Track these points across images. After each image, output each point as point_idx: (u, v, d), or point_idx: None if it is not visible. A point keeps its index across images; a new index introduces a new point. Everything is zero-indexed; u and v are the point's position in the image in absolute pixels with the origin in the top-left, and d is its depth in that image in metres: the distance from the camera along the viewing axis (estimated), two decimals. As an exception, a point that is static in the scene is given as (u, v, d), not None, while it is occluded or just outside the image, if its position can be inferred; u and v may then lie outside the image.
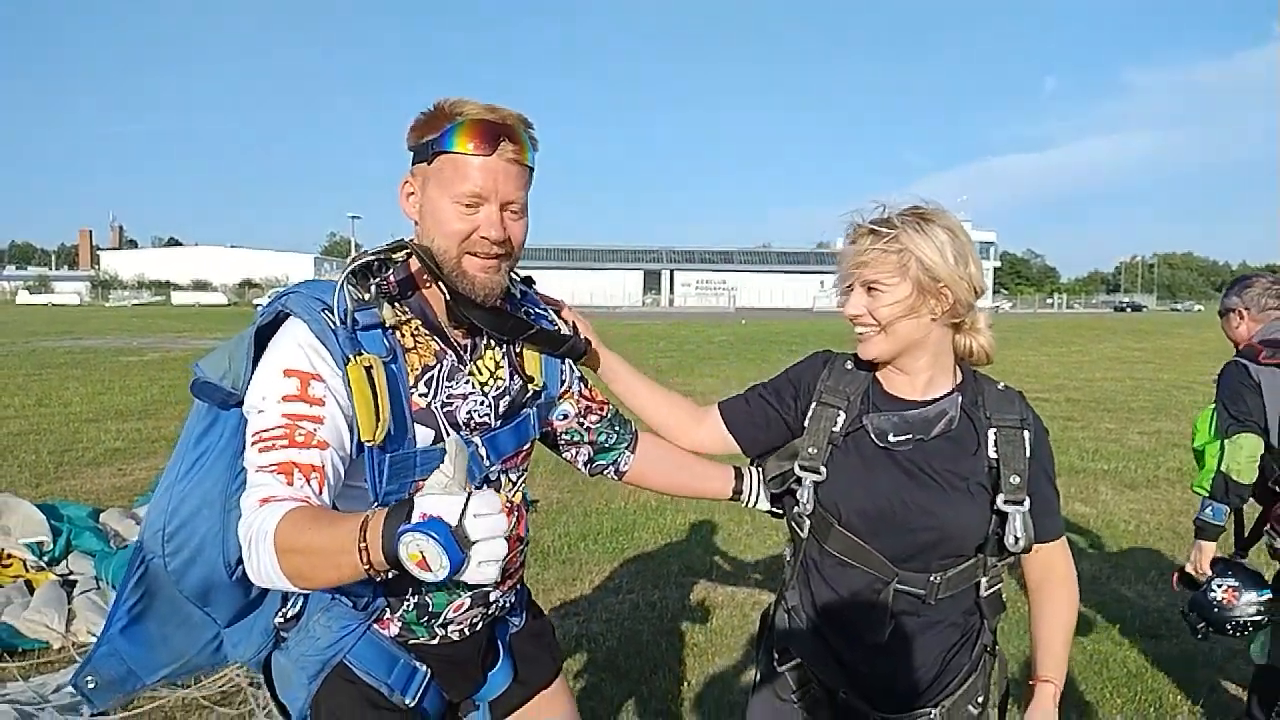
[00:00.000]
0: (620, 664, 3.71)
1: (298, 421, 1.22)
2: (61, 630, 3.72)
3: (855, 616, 1.50)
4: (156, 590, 1.42)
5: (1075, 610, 1.57)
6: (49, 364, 16.29)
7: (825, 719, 1.58)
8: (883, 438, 1.49)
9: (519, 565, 1.61)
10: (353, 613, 1.42)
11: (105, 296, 75.07)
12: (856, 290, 1.46)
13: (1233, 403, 2.80)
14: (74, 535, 4.57)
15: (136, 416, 10.13)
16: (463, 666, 1.53)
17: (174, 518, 1.37)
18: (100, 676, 1.46)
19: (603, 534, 5.61)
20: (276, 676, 1.48)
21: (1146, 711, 3.42)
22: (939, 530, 1.45)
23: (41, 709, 3.03)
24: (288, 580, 1.13)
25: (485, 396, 1.45)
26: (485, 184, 1.31)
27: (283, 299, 1.33)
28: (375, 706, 1.42)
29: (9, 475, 6.92)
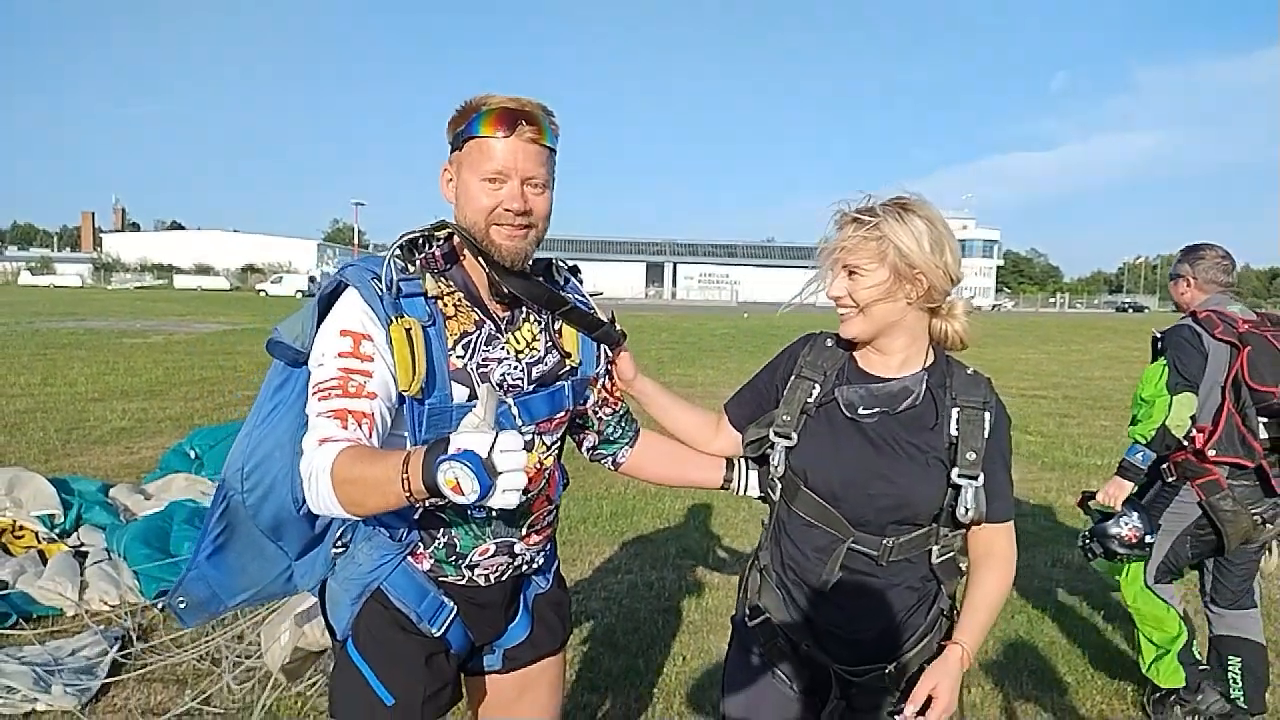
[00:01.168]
0: (618, 639, 3.82)
1: (351, 375, 1.41)
2: (74, 598, 3.83)
3: (811, 569, 1.62)
4: (236, 524, 1.62)
5: (1005, 590, 1.63)
6: (53, 344, 16.39)
7: (789, 670, 1.69)
8: (851, 409, 1.61)
9: (546, 524, 1.73)
10: (390, 543, 1.59)
11: (107, 279, 75.09)
12: (839, 273, 1.57)
13: (1183, 364, 3.08)
14: (84, 509, 4.69)
15: (142, 397, 10.24)
16: (488, 612, 1.68)
17: (251, 458, 1.56)
18: (190, 597, 1.66)
19: (603, 517, 5.72)
20: (328, 600, 1.67)
21: (1125, 692, 3.53)
22: (896, 497, 1.56)
23: (57, 672, 3.13)
24: (342, 507, 1.32)
25: (519, 362, 1.60)
26: (506, 162, 1.47)
27: (342, 271, 1.52)
28: (404, 630, 1.59)
29: (19, 451, 7.03)
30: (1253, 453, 3.03)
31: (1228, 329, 3.06)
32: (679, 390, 1.96)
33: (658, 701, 3.30)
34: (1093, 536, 3.19)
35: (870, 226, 1.53)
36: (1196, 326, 3.13)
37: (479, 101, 1.50)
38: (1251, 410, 3.03)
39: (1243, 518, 3.06)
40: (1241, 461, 3.06)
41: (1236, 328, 3.07)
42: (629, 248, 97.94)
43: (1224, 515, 3.08)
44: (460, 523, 1.59)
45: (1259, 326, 3.09)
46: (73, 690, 3.02)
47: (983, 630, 1.60)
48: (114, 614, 3.79)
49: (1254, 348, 3.01)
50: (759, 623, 1.71)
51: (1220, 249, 3.31)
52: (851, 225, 1.55)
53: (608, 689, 3.37)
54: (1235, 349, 3.04)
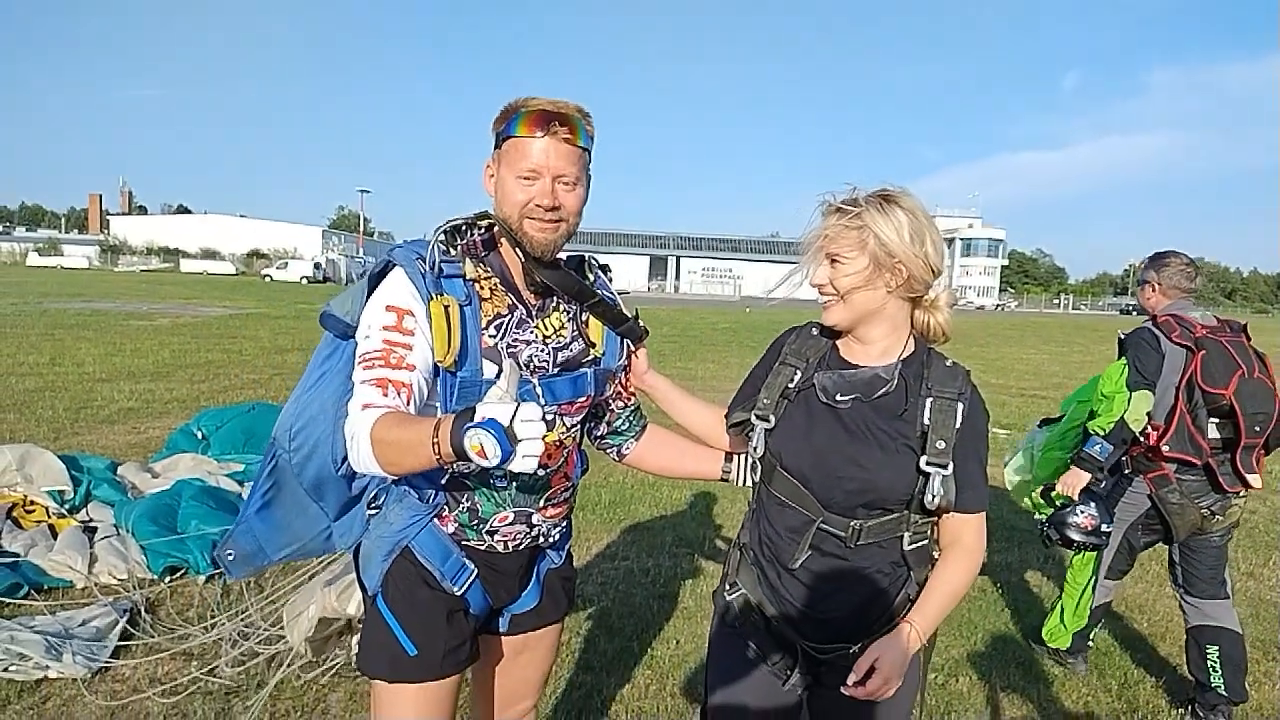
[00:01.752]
0: (613, 623, 3.90)
1: (394, 347, 1.56)
2: (84, 571, 3.91)
3: (784, 548, 1.68)
4: (283, 482, 1.78)
5: (966, 580, 1.65)
6: (61, 325, 16.49)
7: (763, 645, 1.75)
8: (827, 395, 1.67)
9: (563, 500, 1.85)
10: (419, 505, 1.73)
11: (114, 261, 75.14)
12: (821, 261, 1.62)
13: (1142, 363, 3.33)
14: (93, 486, 4.78)
15: (149, 378, 10.33)
16: (505, 579, 1.82)
17: (298, 420, 1.72)
18: (237, 549, 1.83)
19: (601, 505, 5.79)
20: (362, 558, 1.79)
21: (1110, 685, 3.60)
22: (863, 481, 1.60)
23: (67, 641, 3.21)
24: (379, 465, 1.48)
25: (545, 347, 1.72)
26: (539, 160, 1.59)
27: (391, 252, 1.67)
28: (429, 587, 1.72)
29: (28, 428, 7.12)
30: (1200, 451, 3.23)
31: (1185, 334, 3.26)
32: (681, 383, 2.04)
33: (651, 682, 3.38)
34: (1050, 524, 3.34)
35: (852, 216, 1.58)
36: (1156, 330, 3.33)
37: (519, 103, 1.61)
38: (1202, 411, 3.23)
39: (1189, 510, 3.29)
40: (1190, 459, 3.26)
41: (1194, 333, 3.26)
42: (632, 241, 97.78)
43: (1171, 507, 3.32)
44: (483, 489, 1.71)
45: (1215, 332, 3.28)
46: (83, 659, 3.11)
47: (937, 613, 1.62)
48: (122, 587, 3.88)
49: (1208, 352, 3.20)
50: (736, 598, 1.78)
51: (1185, 257, 3.48)
52: (835, 215, 1.60)
53: (603, 669, 3.45)
54: (1190, 353, 3.24)
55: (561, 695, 3.25)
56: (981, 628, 4.13)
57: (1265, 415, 3.19)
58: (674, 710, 3.15)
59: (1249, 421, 3.16)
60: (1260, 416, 3.18)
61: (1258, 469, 3.26)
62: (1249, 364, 3.20)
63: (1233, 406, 3.16)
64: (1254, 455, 3.24)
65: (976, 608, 4.39)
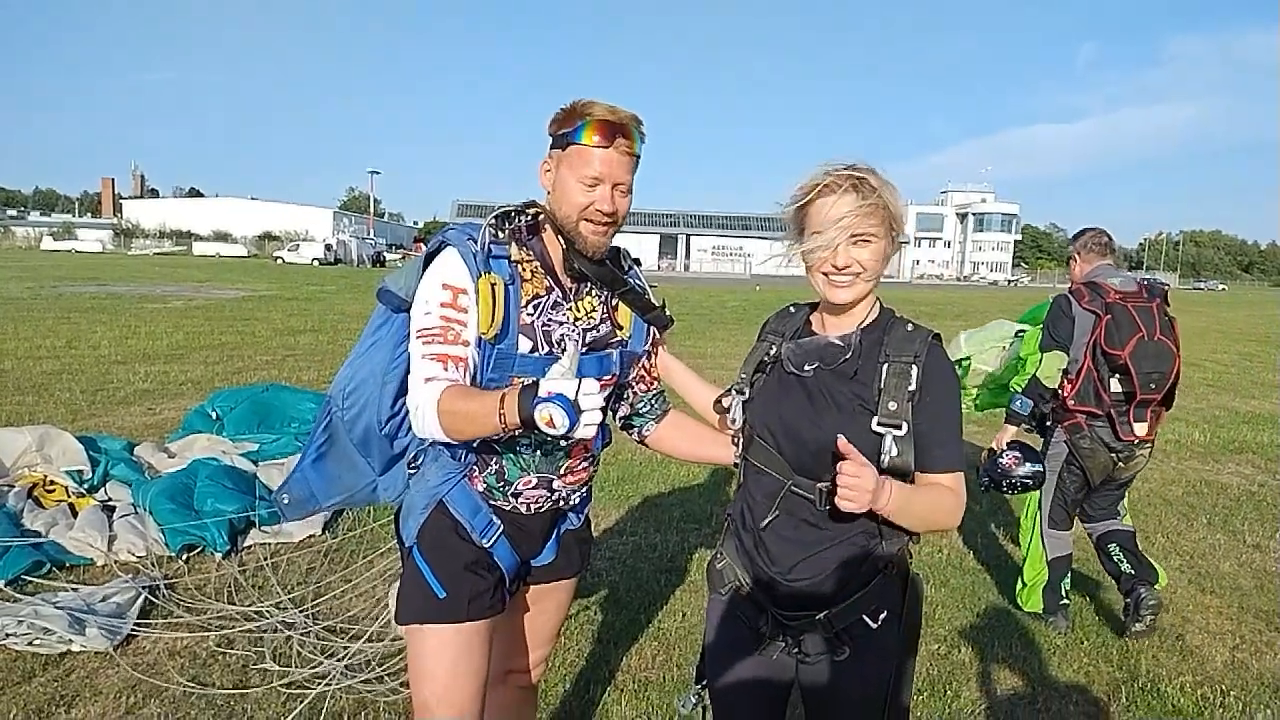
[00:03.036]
0: (621, 596, 3.97)
1: (450, 324, 1.73)
2: (104, 549, 4.01)
3: (759, 514, 1.72)
4: (336, 438, 1.97)
5: (950, 507, 1.62)
6: (76, 308, 16.68)
7: (747, 611, 1.79)
8: (793, 364, 1.72)
9: (581, 469, 1.98)
10: (453, 463, 1.90)
11: (128, 245, 75.59)
12: (844, 243, 1.60)
13: (1054, 327, 3.76)
14: (111, 465, 4.87)
15: (163, 360, 10.45)
16: (530, 535, 1.98)
17: (351, 382, 1.91)
18: (292, 495, 2.02)
19: (610, 482, 5.85)
20: (403, 512, 1.96)
21: (1111, 655, 3.64)
22: (820, 441, 1.62)
23: (88, 615, 3.30)
24: (444, 433, 1.67)
25: (575, 327, 1.86)
26: (602, 170, 1.74)
27: (445, 233, 1.83)
28: (459, 538, 1.89)
29: (46, 410, 7.24)
30: (1102, 403, 3.69)
31: (1094, 299, 3.68)
32: (689, 361, 2.11)
33: (658, 653, 3.45)
34: (985, 473, 3.78)
35: (874, 195, 1.59)
36: (1070, 297, 3.79)
37: (584, 109, 1.74)
38: (1105, 368, 3.67)
39: (1100, 454, 3.75)
40: (1093, 410, 3.73)
41: (1105, 298, 3.66)
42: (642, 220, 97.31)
43: (1083, 451, 3.78)
44: (509, 455, 1.87)
45: (1128, 297, 3.66)
46: (105, 633, 3.20)
47: (914, 498, 1.57)
48: (141, 564, 3.97)
49: (1113, 317, 3.62)
50: (723, 566, 1.82)
51: (1097, 229, 3.98)
52: (852, 195, 1.59)
53: (611, 641, 3.52)
54: (1098, 317, 3.65)
55: (572, 666, 3.32)
56: (984, 600, 4.17)
57: (1160, 374, 3.59)
58: (680, 680, 3.22)
59: (1142, 379, 3.58)
60: (1155, 375, 3.59)
61: (1147, 420, 3.70)
62: (1150, 327, 3.59)
63: (1128, 365, 3.56)
64: (1149, 410, 3.69)
65: (980, 580, 4.44)
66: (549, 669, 3.13)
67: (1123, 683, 3.41)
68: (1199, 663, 3.62)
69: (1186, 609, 4.17)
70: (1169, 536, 5.30)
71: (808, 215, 1.65)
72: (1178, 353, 3.64)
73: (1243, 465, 7.37)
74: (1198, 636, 3.87)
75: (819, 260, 1.63)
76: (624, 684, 3.22)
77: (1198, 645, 3.78)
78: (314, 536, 4.44)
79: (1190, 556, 4.95)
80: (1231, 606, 4.22)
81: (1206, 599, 4.32)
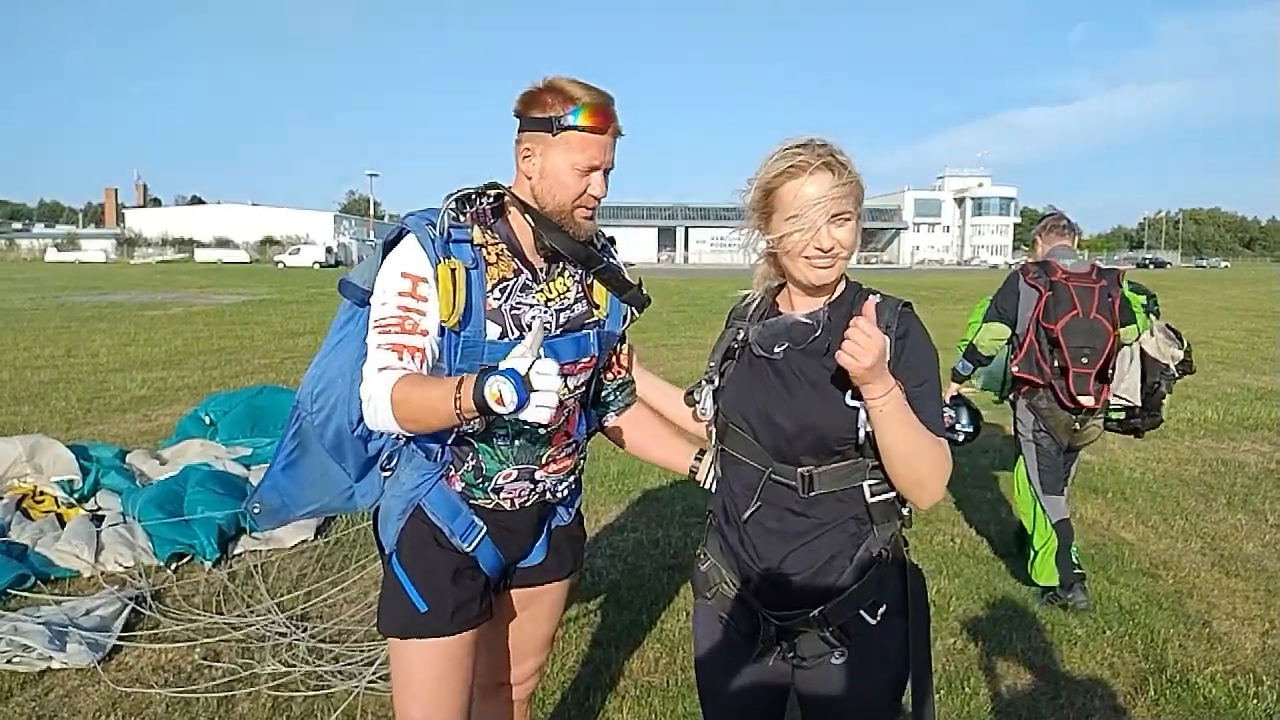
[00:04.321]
0: (622, 595, 3.84)
1: (409, 313, 1.63)
2: (90, 560, 3.90)
3: (741, 506, 1.61)
4: (307, 443, 1.85)
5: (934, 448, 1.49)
6: (77, 317, 16.63)
7: (733, 613, 1.67)
8: (763, 347, 1.62)
9: (565, 456, 1.87)
10: (428, 464, 1.79)
11: (131, 254, 75.75)
12: (825, 225, 1.50)
13: (1000, 301, 4.06)
14: (101, 474, 4.76)
15: (161, 366, 10.37)
16: (516, 536, 1.86)
17: (319, 383, 1.80)
18: (263, 504, 1.91)
19: (609, 477, 5.73)
20: (380, 518, 1.85)
21: (1135, 645, 3.49)
22: (798, 422, 1.53)
23: (71, 629, 3.18)
24: (398, 424, 1.56)
25: (547, 309, 1.76)
26: (598, 155, 1.67)
27: (404, 220, 1.72)
28: (439, 545, 1.78)
29: (41, 420, 7.15)
30: (1043, 373, 3.93)
31: (1040, 276, 3.94)
32: (689, 351, 1.98)
33: (661, 656, 3.31)
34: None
35: (847, 172, 1.51)
36: (1019, 274, 4.05)
37: (570, 92, 1.63)
38: (1044, 341, 3.92)
39: (1058, 414, 3.96)
40: (1034, 379, 3.97)
41: (1051, 276, 3.92)
42: (641, 213, 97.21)
43: (1042, 411, 4.00)
44: (485, 447, 1.76)
45: (1074, 278, 3.90)
46: (86, 649, 3.08)
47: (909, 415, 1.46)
48: (128, 575, 3.86)
49: (1054, 294, 3.89)
50: (707, 567, 1.71)
51: (1057, 213, 4.34)
52: (828, 173, 1.50)
53: (611, 644, 3.39)
54: (1039, 293, 3.92)
55: (570, 671, 3.19)
56: (1000, 590, 4.03)
57: (1091, 349, 3.84)
58: (685, 684, 3.08)
59: (1073, 353, 3.84)
60: (1086, 350, 3.83)
61: (1089, 391, 3.87)
62: (1087, 305, 3.84)
63: (1059, 339, 3.83)
64: (1087, 381, 3.87)
65: (994, 569, 4.30)
66: (545, 676, 3.01)
67: (1149, 674, 3.26)
68: (1228, 651, 3.47)
69: (1212, 594, 4.02)
70: (1188, 518, 5.15)
71: (777, 198, 1.53)
72: (1113, 331, 3.86)
73: (1259, 442, 7.21)
74: (1225, 623, 3.72)
75: (799, 244, 1.52)
76: (625, 690, 3.09)
77: (1226, 632, 3.63)
78: (306, 541, 4.33)
79: (1212, 539, 4.79)
80: (1259, 590, 4.07)
81: (1232, 583, 4.17)
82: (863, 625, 1.56)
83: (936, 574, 4.18)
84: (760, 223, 1.60)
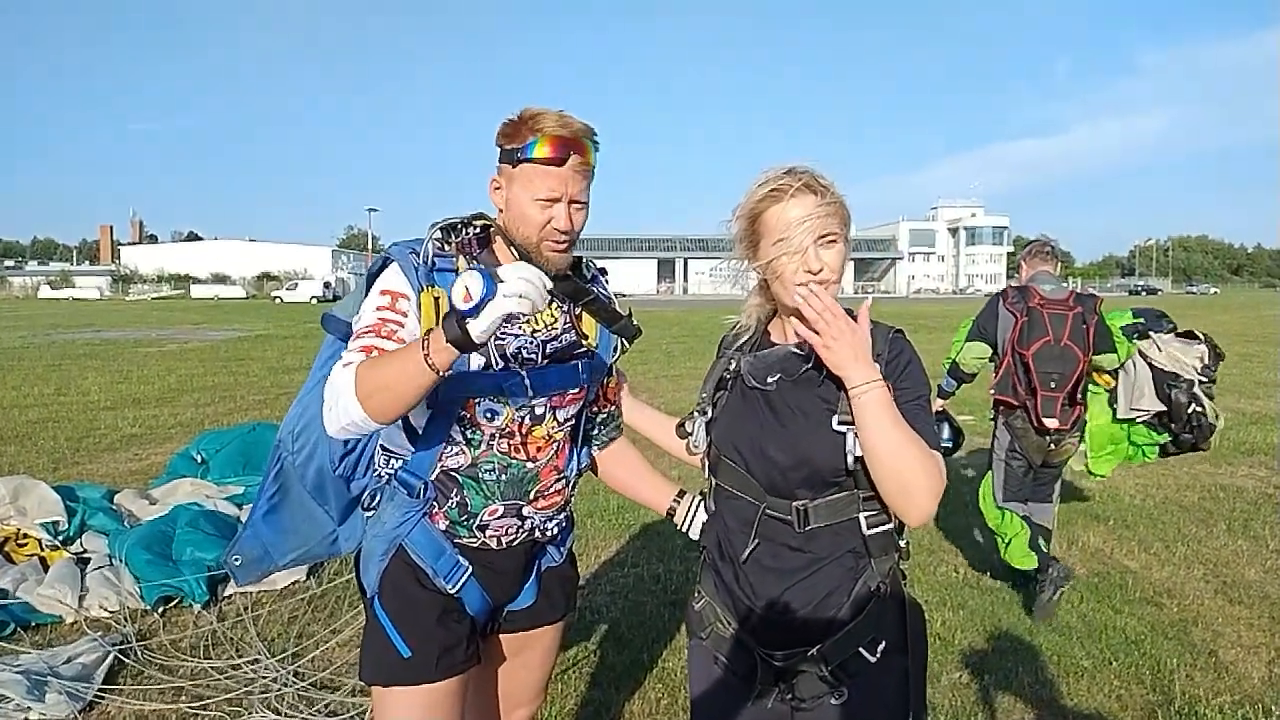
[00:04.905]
0: (623, 634, 3.76)
1: (385, 321, 1.60)
2: (74, 605, 3.80)
3: (736, 542, 1.57)
4: (289, 486, 1.82)
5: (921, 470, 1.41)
6: (69, 355, 16.54)
7: (730, 655, 1.62)
8: (755, 379, 1.58)
9: (553, 492, 1.81)
10: (410, 500, 1.72)
11: (126, 290, 75.71)
12: (812, 247, 1.49)
13: (983, 321, 4.29)
14: (88, 515, 4.68)
15: (153, 404, 10.28)
16: (502, 576, 1.79)
17: (300, 421, 1.77)
18: (244, 554, 1.85)
19: (609, 511, 5.65)
20: (362, 560, 1.78)
21: (1143, 676, 3.43)
22: (792, 456, 1.50)
23: (50, 679, 3.09)
24: (362, 406, 1.45)
25: (533, 339, 1.72)
26: (557, 188, 1.62)
27: (390, 249, 1.70)
28: (422, 586, 1.71)
29: (28, 460, 7.05)
30: (1017, 394, 4.16)
31: (1018, 302, 4.16)
32: (690, 382, 1.95)
33: (662, 696, 3.23)
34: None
35: (830, 193, 1.50)
36: (999, 298, 4.28)
37: (533, 123, 1.60)
38: (1020, 365, 4.13)
39: (1031, 435, 4.17)
40: (1009, 400, 4.20)
41: (1029, 302, 4.13)
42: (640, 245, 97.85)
43: (1016, 430, 4.21)
44: (470, 482, 1.70)
45: (1051, 305, 4.09)
46: (66, 699, 2.99)
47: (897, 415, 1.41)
48: (113, 620, 3.77)
49: (1029, 320, 4.09)
50: (702, 606, 1.67)
51: (1041, 241, 4.46)
52: (810, 195, 1.50)
53: (612, 685, 3.31)
54: (1015, 318, 4.13)
55: (569, 713, 3.11)
56: (1005, 620, 3.96)
57: (1060, 375, 4.04)
58: (685, 724, 3.00)
59: (1042, 378, 4.05)
60: (1055, 375, 4.04)
61: (1055, 414, 4.08)
62: (1059, 332, 4.04)
63: (1029, 364, 4.06)
64: (1054, 405, 4.07)
65: (999, 599, 4.23)
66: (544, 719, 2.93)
67: (1158, 707, 3.19)
68: (1235, 680, 3.40)
69: (1217, 622, 3.96)
70: (1189, 545, 5.09)
71: (763, 224, 1.53)
72: (1083, 356, 4.04)
73: (1256, 467, 7.18)
74: (1231, 651, 3.66)
75: (787, 267, 1.50)
76: (625, 731, 3.01)
77: (1232, 661, 3.57)
78: (298, 582, 4.24)
79: (1214, 565, 4.74)
80: (1262, 617, 4.01)
81: (1236, 610, 4.11)
82: (862, 664, 1.52)
83: (940, 605, 4.11)
84: (748, 251, 1.58)
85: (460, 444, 1.69)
